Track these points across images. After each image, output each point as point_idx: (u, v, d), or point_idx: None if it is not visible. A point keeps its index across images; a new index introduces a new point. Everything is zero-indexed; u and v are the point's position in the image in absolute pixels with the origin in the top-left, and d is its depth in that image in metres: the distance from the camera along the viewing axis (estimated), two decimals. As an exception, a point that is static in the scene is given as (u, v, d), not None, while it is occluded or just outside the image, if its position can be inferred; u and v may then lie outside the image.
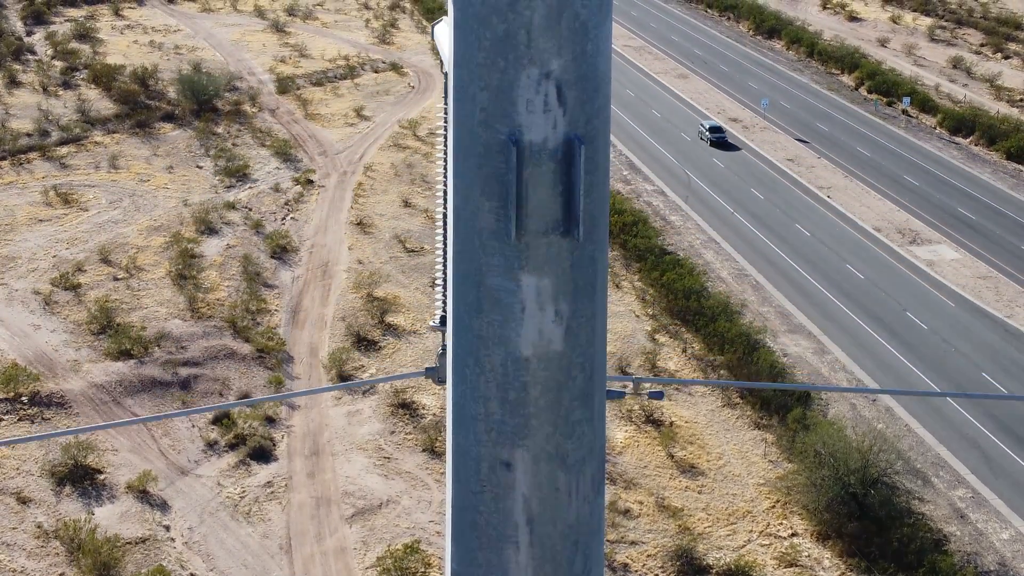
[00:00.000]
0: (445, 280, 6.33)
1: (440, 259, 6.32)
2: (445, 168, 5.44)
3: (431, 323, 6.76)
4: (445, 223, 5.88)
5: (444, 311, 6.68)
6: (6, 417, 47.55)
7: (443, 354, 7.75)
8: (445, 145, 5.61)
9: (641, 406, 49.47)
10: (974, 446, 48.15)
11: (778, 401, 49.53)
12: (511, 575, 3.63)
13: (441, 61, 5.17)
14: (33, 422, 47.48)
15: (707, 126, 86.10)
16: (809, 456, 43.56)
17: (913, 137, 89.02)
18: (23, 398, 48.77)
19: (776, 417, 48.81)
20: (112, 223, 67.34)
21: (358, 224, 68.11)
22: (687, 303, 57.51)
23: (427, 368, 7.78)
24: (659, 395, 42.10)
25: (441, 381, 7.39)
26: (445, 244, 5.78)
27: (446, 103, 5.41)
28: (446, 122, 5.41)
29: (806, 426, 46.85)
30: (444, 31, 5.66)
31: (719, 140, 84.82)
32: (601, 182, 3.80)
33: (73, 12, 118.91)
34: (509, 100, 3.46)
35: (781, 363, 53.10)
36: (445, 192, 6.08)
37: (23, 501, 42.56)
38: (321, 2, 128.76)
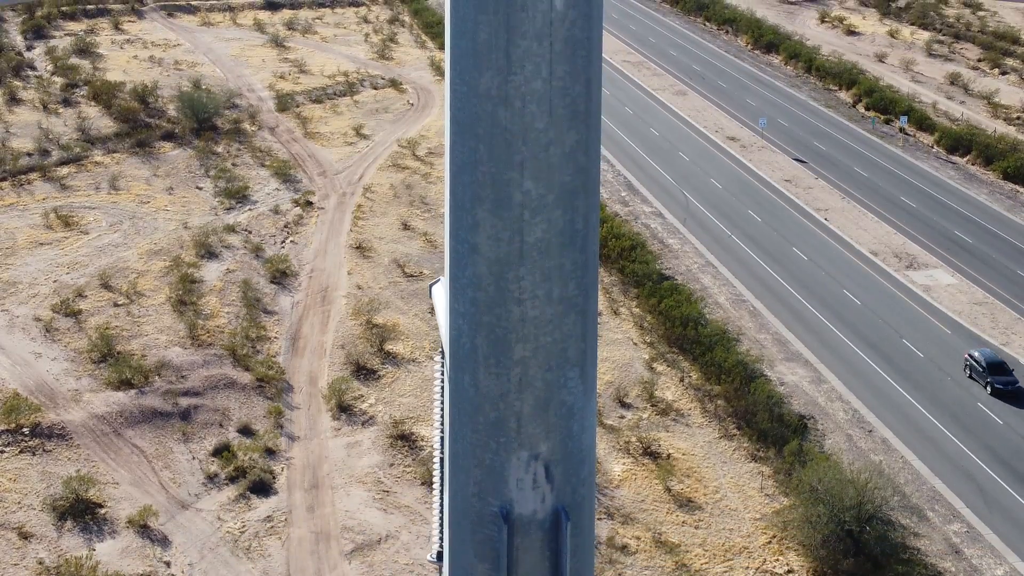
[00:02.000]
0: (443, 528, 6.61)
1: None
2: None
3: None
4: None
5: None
6: (7, 449, 47.83)
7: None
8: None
9: (639, 438, 49.75)
10: (969, 479, 48.47)
11: (775, 433, 49.83)
12: None
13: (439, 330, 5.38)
14: (34, 454, 47.76)
15: (983, 359, 54.82)
16: (805, 492, 43.87)
17: (910, 156, 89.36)
18: (24, 429, 49.04)
19: (773, 449, 49.10)
20: (112, 246, 67.61)
21: (357, 248, 68.38)
22: (684, 331, 57.81)
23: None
24: None
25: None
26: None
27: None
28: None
29: (802, 460, 47.16)
30: (441, 293, 5.90)
31: (1008, 388, 53.91)
32: (586, 543, 4.10)
33: (73, 26, 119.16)
34: (501, 478, 3.77)
35: (778, 393, 53.39)
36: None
37: (25, 536, 42.83)
38: (321, 16, 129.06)
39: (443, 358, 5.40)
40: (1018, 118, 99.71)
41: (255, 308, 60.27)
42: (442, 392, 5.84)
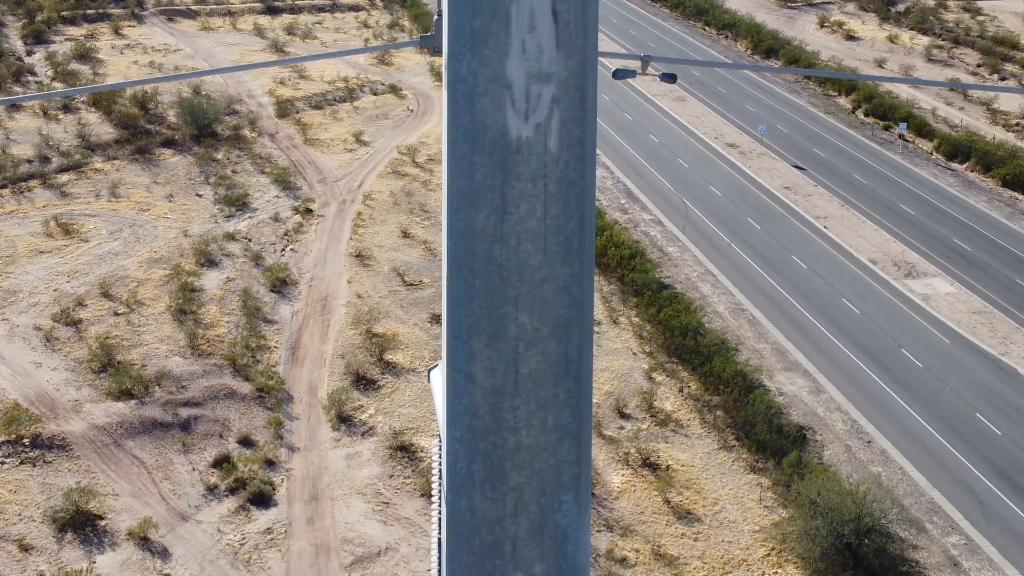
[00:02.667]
0: None
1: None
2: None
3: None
4: None
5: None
6: (8, 460, 47.93)
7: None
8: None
9: (638, 449, 49.88)
10: (968, 490, 48.58)
11: (774, 445, 49.95)
12: None
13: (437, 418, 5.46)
14: (35, 465, 47.86)
15: None
16: (804, 505, 44.00)
17: (909, 163, 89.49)
18: (25, 440, 49.15)
19: (772, 461, 49.21)
20: (112, 255, 67.71)
21: (357, 256, 68.48)
22: (684, 341, 57.92)
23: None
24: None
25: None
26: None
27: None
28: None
29: (801, 472, 47.28)
30: (439, 379, 5.97)
31: None
32: None
33: (73, 30, 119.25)
34: None
35: (777, 404, 53.50)
36: None
37: (25, 549, 42.92)
38: (321, 20, 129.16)
39: (440, 443, 5.50)
40: (1017, 124, 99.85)
41: (255, 317, 60.37)
42: (440, 476, 5.89)
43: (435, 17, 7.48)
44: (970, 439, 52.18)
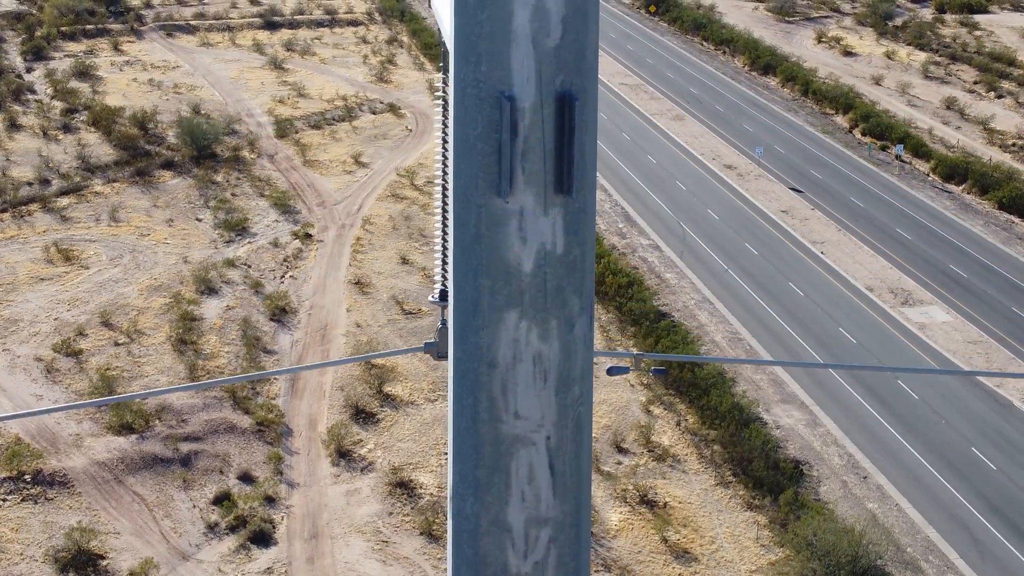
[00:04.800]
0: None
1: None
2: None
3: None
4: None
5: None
6: (10, 498, 48.22)
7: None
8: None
9: (636, 485, 50.20)
10: (963, 528, 48.94)
11: (770, 481, 50.30)
12: None
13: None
14: (36, 502, 48.16)
15: None
16: (801, 546, 44.34)
17: (906, 186, 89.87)
18: (26, 476, 49.45)
19: (768, 498, 49.55)
20: (113, 282, 68.00)
21: (356, 283, 68.80)
22: (681, 374, 58.26)
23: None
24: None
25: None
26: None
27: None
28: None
29: (797, 510, 47.61)
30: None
31: None
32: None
33: (73, 46, 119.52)
34: None
35: (774, 439, 53.84)
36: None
37: (27, 589, 43.24)
38: (320, 35, 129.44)
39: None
40: (1013, 144, 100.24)
41: (255, 347, 60.67)
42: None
43: (439, 326, 7.72)
44: (965, 474, 52.54)
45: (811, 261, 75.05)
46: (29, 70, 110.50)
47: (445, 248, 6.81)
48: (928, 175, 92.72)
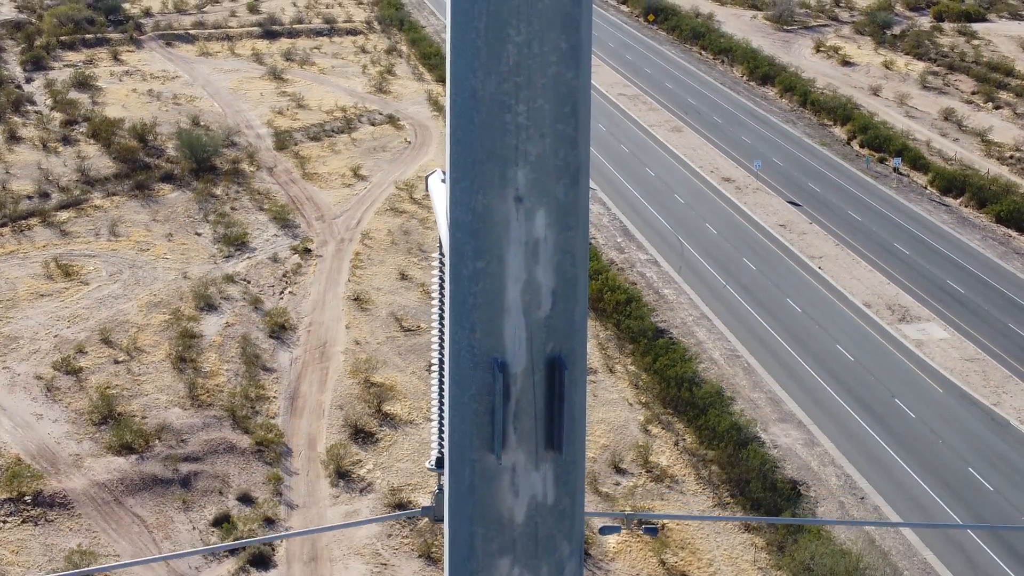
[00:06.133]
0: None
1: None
2: None
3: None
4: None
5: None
6: (10, 519, 48.38)
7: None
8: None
9: (633, 507, 50.38)
10: (960, 550, 49.14)
11: (768, 503, 50.50)
12: None
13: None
14: (36, 524, 48.32)
15: None
16: (798, 568, 44.54)
17: (904, 199, 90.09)
18: (27, 497, 49.61)
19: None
20: (112, 298, 68.17)
21: (355, 299, 68.98)
22: (679, 393, 58.45)
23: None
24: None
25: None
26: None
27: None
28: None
29: (795, 533, 47.82)
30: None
31: None
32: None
33: (72, 55, 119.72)
34: None
35: (771, 459, 54.03)
36: None
37: (27, 613, 43.41)
38: (319, 45, 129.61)
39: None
40: (1011, 157, 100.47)
41: (254, 365, 60.85)
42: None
43: (435, 491, 7.88)
44: (962, 495, 52.75)
45: (809, 276, 75.26)
46: (29, 80, 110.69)
47: (441, 415, 7.00)
48: (926, 188, 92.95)
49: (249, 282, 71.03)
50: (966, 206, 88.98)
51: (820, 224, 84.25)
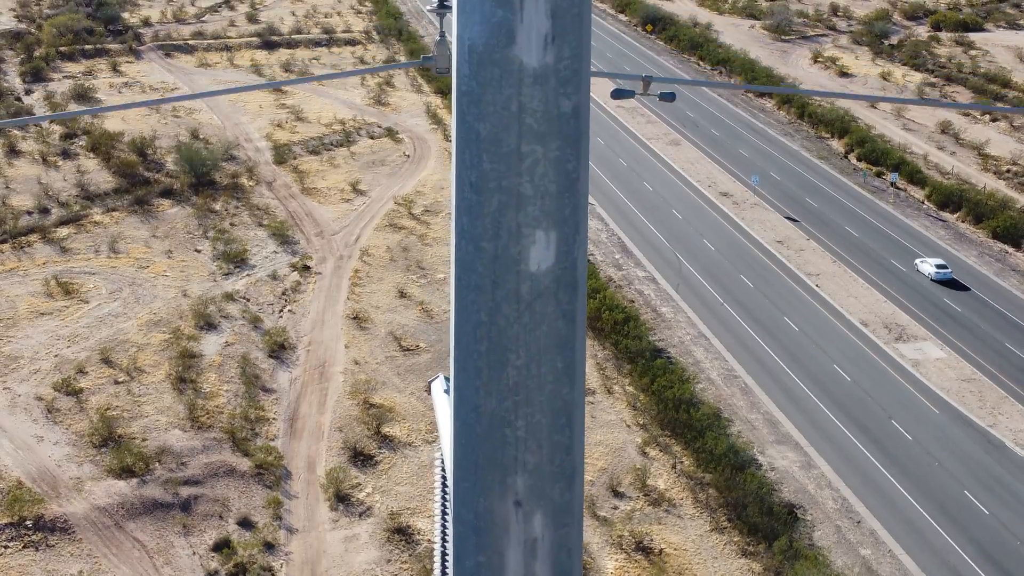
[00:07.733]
0: None
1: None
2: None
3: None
4: None
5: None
6: (11, 544, 48.62)
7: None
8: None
9: (631, 531, 50.66)
10: (955, 575, 49.43)
11: (765, 527, 50.78)
12: None
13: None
14: (38, 549, 48.56)
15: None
16: (794, 596, 44.87)
17: (901, 214, 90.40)
18: (28, 522, 49.85)
19: (763, 544, 50.04)
20: (112, 316, 68.40)
21: (354, 318, 69.23)
22: (677, 415, 58.73)
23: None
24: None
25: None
26: None
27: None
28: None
29: (792, 558, 48.11)
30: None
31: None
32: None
33: (72, 66, 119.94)
34: None
35: (768, 482, 54.31)
36: None
37: (29, 641, 43.65)
38: (318, 56, 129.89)
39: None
40: (1008, 171, 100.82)
41: (254, 386, 61.10)
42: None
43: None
44: (958, 519, 53.04)
45: (806, 294, 75.55)
46: (28, 92, 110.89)
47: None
48: (923, 202, 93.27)
49: (248, 300, 71.28)
50: (963, 221, 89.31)
51: (817, 240, 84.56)
